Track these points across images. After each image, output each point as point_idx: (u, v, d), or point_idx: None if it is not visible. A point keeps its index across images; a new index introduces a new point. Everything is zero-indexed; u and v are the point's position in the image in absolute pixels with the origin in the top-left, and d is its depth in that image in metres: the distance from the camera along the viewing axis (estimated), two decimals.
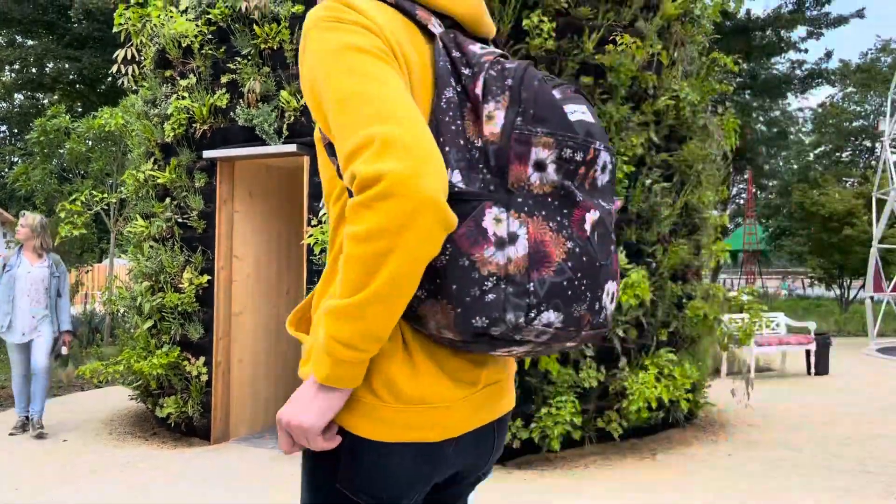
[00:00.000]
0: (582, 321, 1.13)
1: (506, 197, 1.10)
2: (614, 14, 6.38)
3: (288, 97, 6.01)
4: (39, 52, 20.70)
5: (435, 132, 1.14)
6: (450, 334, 1.11)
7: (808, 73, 26.47)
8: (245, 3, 6.18)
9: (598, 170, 1.18)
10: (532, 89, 1.14)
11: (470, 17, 1.34)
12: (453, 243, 1.08)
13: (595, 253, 1.14)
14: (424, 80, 1.19)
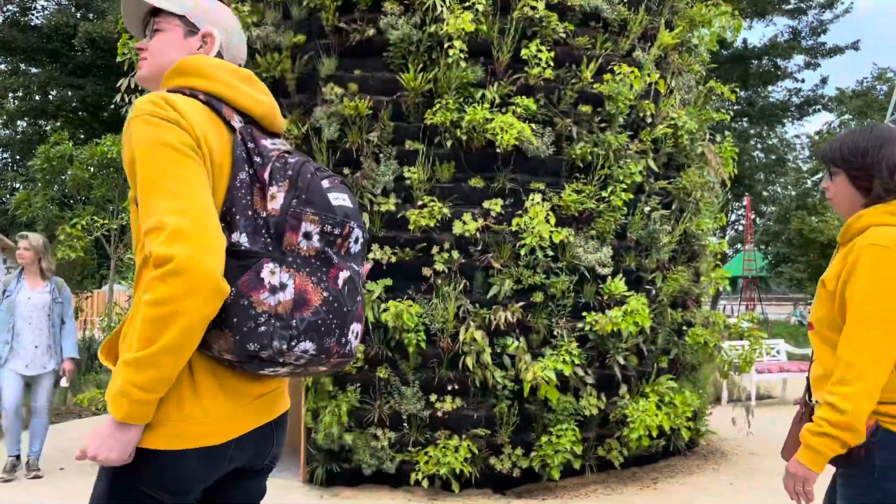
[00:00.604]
0: (331, 350, 1.52)
1: (280, 256, 1.48)
2: (612, 44, 6.46)
3: (289, 125, 6.06)
4: (43, 80, 20.90)
5: (229, 203, 1.51)
6: (229, 356, 1.45)
7: (805, 100, 26.71)
8: (247, 32, 6.26)
9: (352, 241, 1.59)
10: (306, 180, 1.54)
11: (265, 117, 1.72)
12: (237, 287, 1.43)
13: (344, 301, 1.54)
14: (224, 164, 1.55)
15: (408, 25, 6.04)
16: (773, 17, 24.58)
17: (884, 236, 1.94)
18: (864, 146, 2.06)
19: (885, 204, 2.03)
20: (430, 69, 6.05)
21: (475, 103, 5.96)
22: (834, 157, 2.12)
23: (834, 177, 2.14)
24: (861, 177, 2.07)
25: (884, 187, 2.03)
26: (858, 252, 1.97)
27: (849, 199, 2.12)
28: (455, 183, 5.96)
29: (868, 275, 1.93)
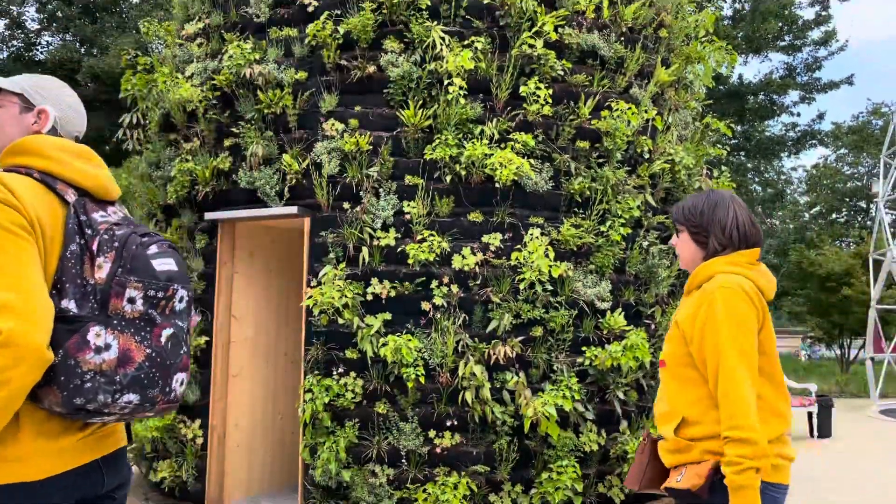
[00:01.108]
0: (155, 399, 1.74)
1: (106, 319, 1.66)
2: (609, 81, 6.55)
3: (290, 160, 6.12)
4: None
5: (60, 273, 1.68)
6: (59, 409, 1.64)
7: (802, 135, 26.94)
8: (249, 69, 6.35)
9: (176, 301, 1.81)
10: (131, 251, 1.73)
11: (98, 189, 1.88)
12: (65, 350, 1.62)
13: (167, 356, 1.77)
14: (56, 237, 1.72)
15: (408, 63, 6.13)
16: (768, 53, 24.92)
17: (730, 281, 2.22)
18: (701, 208, 2.40)
19: (725, 255, 2.34)
20: (430, 105, 6.13)
21: (474, 139, 6.02)
22: (678, 217, 2.46)
23: (679, 234, 2.47)
24: (700, 233, 2.40)
25: (718, 243, 2.37)
26: (712, 295, 2.21)
27: (691, 253, 2.44)
28: (454, 217, 6.00)
29: (725, 314, 2.17)
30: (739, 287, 2.20)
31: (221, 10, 7.04)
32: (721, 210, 2.38)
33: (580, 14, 6.61)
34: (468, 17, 6.37)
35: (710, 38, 7.64)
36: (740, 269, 2.30)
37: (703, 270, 2.34)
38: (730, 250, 2.35)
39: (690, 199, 2.45)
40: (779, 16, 22.91)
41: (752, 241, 2.38)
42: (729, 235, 2.36)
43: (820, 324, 21.38)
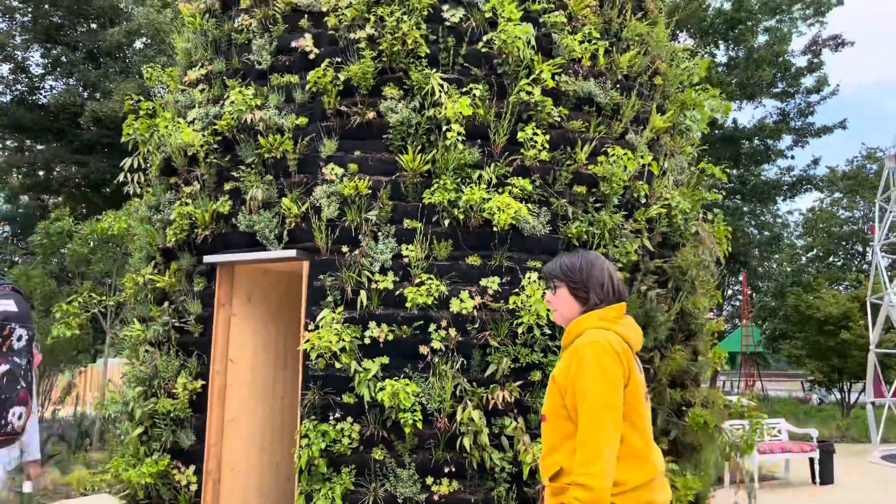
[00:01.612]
0: None
1: None
2: (605, 127, 6.64)
3: (289, 204, 6.16)
4: (48, 157, 21.26)
5: None
6: None
7: (797, 179, 27.18)
8: (251, 115, 6.44)
9: (14, 339, 1.96)
10: None
11: None
12: None
13: (2, 391, 1.91)
14: None
15: (407, 109, 6.22)
16: (762, 99, 25.29)
17: (599, 337, 2.37)
18: (579, 265, 2.58)
19: (596, 311, 2.52)
20: (429, 151, 6.20)
21: (472, 183, 6.08)
22: (557, 274, 2.62)
23: (557, 290, 2.62)
24: (580, 289, 2.57)
25: (598, 297, 2.54)
26: (582, 350, 2.36)
27: (569, 309, 2.59)
28: (452, 261, 6.01)
29: (592, 369, 2.31)
30: (608, 343, 2.35)
31: (224, 56, 7.16)
32: (597, 268, 2.58)
33: (576, 62, 6.73)
34: (466, 64, 6.49)
35: (705, 87, 7.77)
36: (609, 325, 2.47)
37: (576, 326, 2.50)
38: (605, 304, 2.54)
39: (565, 257, 2.63)
40: (772, 63, 23.32)
41: (621, 296, 2.61)
42: (607, 291, 2.56)
43: (819, 367, 21.27)
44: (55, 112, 21.07)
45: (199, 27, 7.45)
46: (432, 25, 6.52)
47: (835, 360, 20.13)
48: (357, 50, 6.49)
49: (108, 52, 21.75)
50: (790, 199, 28.18)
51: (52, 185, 22.19)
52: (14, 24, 22.36)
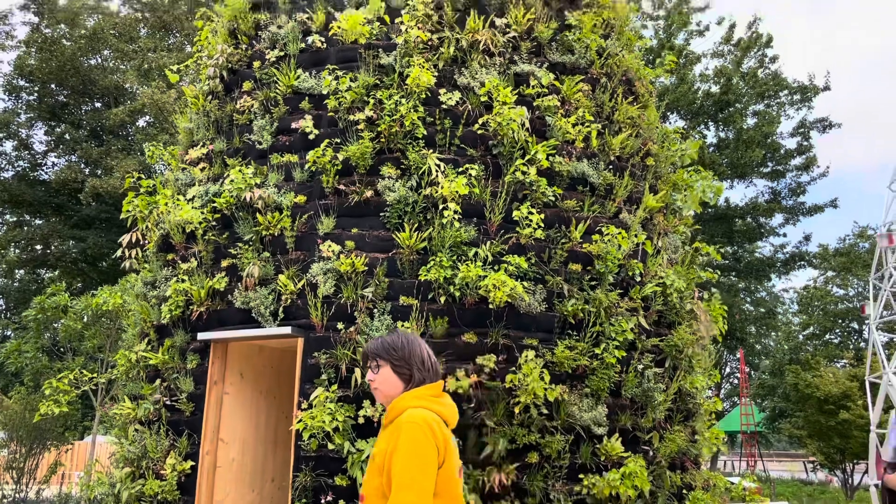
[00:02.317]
0: None
1: None
2: (599, 207, 6.74)
3: (286, 281, 6.17)
4: (46, 233, 21.37)
5: None
6: None
7: (790, 257, 27.37)
8: (250, 193, 6.52)
9: None
10: None
11: None
12: None
13: None
14: None
15: (404, 188, 6.32)
16: (753, 178, 25.75)
17: (417, 416, 2.45)
18: (401, 343, 2.67)
19: (416, 390, 2.60)
20: (425, 228, 6.26)
21: (469, 261, 6.11)
22: (379, 352, 2.69)
23: (379, 369, 2.68)
24: (403, 367, 2.65)
25: (420, 374, 2.63)
26: (399, 430, 2.43)
27: (393, 386, 2.65)
28: (449, 338, 5.99)
29: (406, 448, 2.38)
30: (424, 422, 2.44)
31: (225, 136, 7.31)
32: (417, 345, 2.69)
33: (570, 143, 6.88)
34: (463, 145, 6.63)
35: (697, 168, 7.93)
36: (427, 403, 2.56)
37: (397, 405, 2.58)
38: (427, 382, 2.64)
39: (387, 337, 2.73)
40: (761, 144, 23.84)
41: (438, 374, 2.71)
42: (428, 368, 2.66)
43: (821, 448, 20.90)
44: (56, 188, 21.31)
45: (201, 108, 7.64)
46: (429, 108, 6.69)
47: (836, 441, 19.80)
48: (356, 131, 6.64)
49: (112, 130, 22.18)
50: (784, 275, 28.27)
51: (49, 259, 22.22)
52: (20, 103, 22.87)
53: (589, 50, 7.38)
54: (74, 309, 12.29)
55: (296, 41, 7.26)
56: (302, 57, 7.23)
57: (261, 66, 7.34)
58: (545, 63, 7.23)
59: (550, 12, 7.51)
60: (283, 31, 7.37)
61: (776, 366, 29.81)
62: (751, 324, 30.12)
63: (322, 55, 7.19)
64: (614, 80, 7.51)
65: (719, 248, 7.93)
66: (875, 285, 15.85)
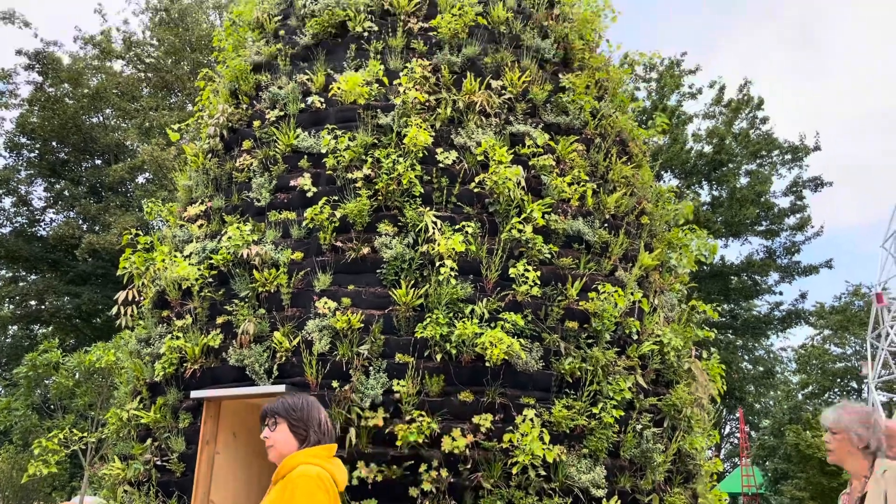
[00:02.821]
0: None
1: None
2: (595, 264, 6.76)
3: (281, 338, 6.14)
4: (41, 288, 21.31)
5: None
6: None
7: (787, 315, 27.35)
8: (247, 250, 6.54)
9: None
10: None
11: None
12: None
13: None
14: None
15: (401, 245, 6.35)
16: (748, 237, 25.93)
17: (310, 470, 2.61)
18: (300, 405, 2.81)
19: (310, 450, 2.73)
20: (422, 285, 6.26)
21: (465, 318, 6.10)
22: (279, 411, 2.81)
23: (276, 427, 2.81)
24: (300, 427, 2.79)
25: (316, 435, 2.78)
26: (293, 482, 2.56)
27: (287, 445, 2.78)
28: (444, 397, 5.92)
29: (301, 498, 2.52)
30: (318, 477, 2.58)
31: (224, 194, 7.38)
32: (315, 408, 2.84)
33: (565, 202, 6.95)
34: (459, 203, 6.70)
35: (691, 227, 8.00)
36: (320, 461, 2.70)
37: (290, 462, 2.69)
38: (322, 443, 2.79)
39: (288, 398, 2.85)
40: (755, 203, 24.10)
41: (333, 437, 2.85)
42: (324, 430, 2.81)
43: None
44: (53, 244, 21.34)
45: (201, 165, 7.73)
46: (427, 167, 6.78)
47: None
48: (354, 189, 6.71)
49: (111, 186, 22.36)
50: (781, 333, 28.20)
51: (43, 315, 22.09)
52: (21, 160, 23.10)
53: (583, 111, 7.53)
54: (66, 366, 12.16)
55: (296, 101, 7.39)
56: (301, 117, 7.36)
57: (261, 126, 7.45)
58: (540, 123, 7.36)
59: (545, 75, 7.68)
60: (283, 91, 7.51)
61: (776, 426, 29.47)
62: (749, 383, 29.89)
63: (321, 115, 7.31)
64: (608, 140, 7.64)
65: (716, 306, 7.93)
66: (872, 345, 15.81)
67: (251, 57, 8.04)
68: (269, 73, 7.89)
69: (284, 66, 7.79)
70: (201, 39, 22.72)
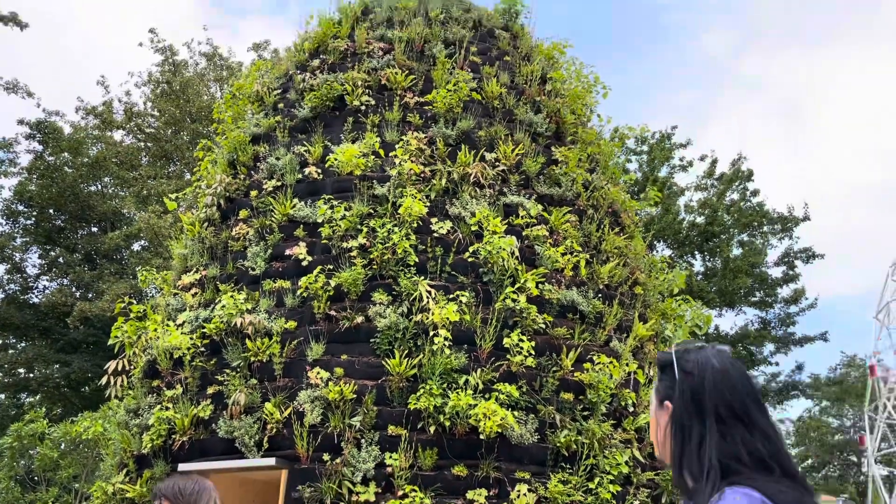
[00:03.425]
0: None
1: None
2: (589, 335, 6.75)
3: (272, 409, 6.05)
4: (30, 357, 21.04)
5: None
6: None
7: (783, 386, 27.12)
8: (240, 319, 6.52)
9: None
10: None
11: None
12: None
13: None
14: None
15: (395, 314, 6.34)
16: (742, 307, 25.93)
17: None
18: (191, 489, 2.84)
19: None
20: (416, 355, 6.22)
21: (459, 389, 6.04)
22: (167, 492, 2.84)
23: None
24: None
25: None
26: None
27: None
28: (438, 471, 5.81)
29: None
30: None
31: (219, 262, 7.40)
32: (206, 494, 2.86)
33: (559, 272, 6.99)
34: (454, 272, 6.72)
35: (685, 297, 8.03)
36: None
37: None
38: None
39: (180, 479, 2.89)
40: (748, 273, 24.21)
41: None
42: None
43: None
44: (45, 311, 21.20)
45: (197, 234, 7.77)
46: (421, 236, 6.84)
47: None
48: (349, 258, 6.74)
49: (106, 253, 22.37)
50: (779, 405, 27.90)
51: (31, 384, 21.76)
52: (17, 227, 23.17)
53: (575, 183, 7.65)
54: (52, 436, 11.91)
55: (293, 172, 7.50)
56: (298, 187, 7.45)
57: (258, 195, 7.54)
58: (533, 195, 7.46)
59: (538, 147, 7.84)
60: (281, 162, 7.63)
61: None
62: None
63: (318, 185, 7.41)
64: (601, 211, 7.74)
65: None
66: (871, 417, 15.65)
67: (250, 128, 8.20)
68: (267, 145, 8.03)
69: (283, 138, 7.94)
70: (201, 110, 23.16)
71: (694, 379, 1.69)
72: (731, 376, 1.70)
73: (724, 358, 1.74)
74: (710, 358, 1.73)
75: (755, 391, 1.68)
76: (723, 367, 1.71)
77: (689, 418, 1.64)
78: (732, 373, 1.71)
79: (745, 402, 1.65)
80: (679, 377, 1.70)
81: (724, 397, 1.65)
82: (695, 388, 1.67)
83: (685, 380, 1.69)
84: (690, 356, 1.74)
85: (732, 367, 1.73)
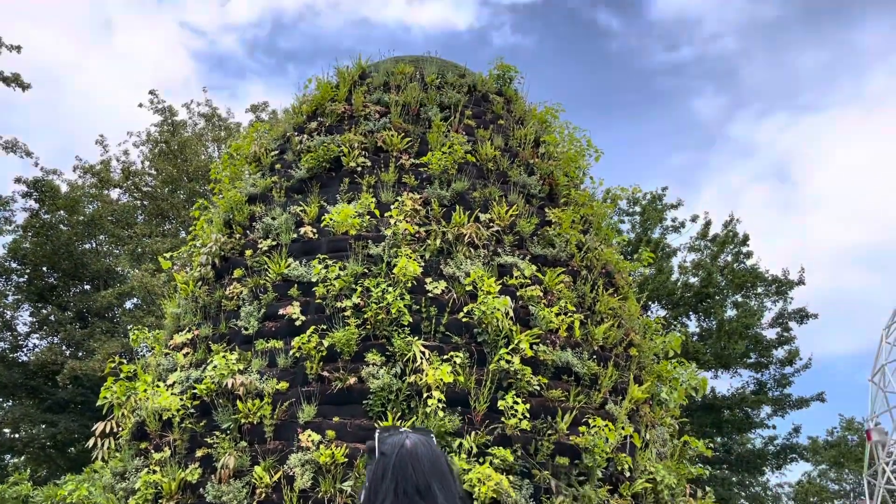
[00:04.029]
0: None
1: None
2: (585, 397, 6.68)
3: (261, 473, 5.92)
4: (17, 417, 20.65)
5: None
6: None
7: (781, 449, 26.72)
8: (232, 379, 6.44)
9: None
10: None
11: None
12: None
13: None
14: None
15: (388, 375, 6.28)
16: (738, 369, 25.75)
17: None
18: None
19: None
20: (409, 417, 6.14)
21: (453, 452, 5.94)
22: None
23: None
24: None
25: None
26: None
27: None
28: None
29: None
30: None
31: (212, 322, 7.35)
32: None
33: (553, 332, 6.96)
34: (448, 333, 6.69)
35: (680, 360, 7.98)
36: None
37: None
38: None
39: None
40: (743, 336, 24.13)
41: None
42: None
43: None
44: (34, 370, 20.91)
45: (191, 293, 7.74)
46: (416, 296, 6.82)
47: None
48: (343, 317, 6.71)
49: (98, 312, 22.20)
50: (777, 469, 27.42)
51: (16, 445, 21.30)
52: (9, 285, 23.05)
53: (569, 244, 7.69)
54: (35, 500, 11.58)
55: (288, 231, 7.54)
56: (293, 246, 7.47)
57: (253, 255, 7.55)
58: (527, 255, 7.50)
59: (531, 209, 7.92)
60: (276, 221, 7.67)
61: None
62: None
63: (313, 245, 7.43)
64: (594, 272, 7.76)
65: (708, 442, 7.78)
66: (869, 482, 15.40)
67: (247, 188, 8.26)
68: (263, 204, 8.08)
69: (279, 198, 8.00)
70: (198, 170, 23.36)
71: (386, 459, 2.00)
72: (418, 456, 1.99)
73: (416, 440, 2.03)
74: (404, 440, 2.03)
75: (441, 470, 1.99)
76: (412, 449, 2.01)
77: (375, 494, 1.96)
78: (420, 453, 2.00)
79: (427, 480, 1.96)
80: (377, 457, 2.01)
81: (407, 474, 1.96)
82: (385, 466, 1.98)
83: (380, 460, 2.00)
84: (388, 439, 2.04)
85: (423, 448, 2.02)
